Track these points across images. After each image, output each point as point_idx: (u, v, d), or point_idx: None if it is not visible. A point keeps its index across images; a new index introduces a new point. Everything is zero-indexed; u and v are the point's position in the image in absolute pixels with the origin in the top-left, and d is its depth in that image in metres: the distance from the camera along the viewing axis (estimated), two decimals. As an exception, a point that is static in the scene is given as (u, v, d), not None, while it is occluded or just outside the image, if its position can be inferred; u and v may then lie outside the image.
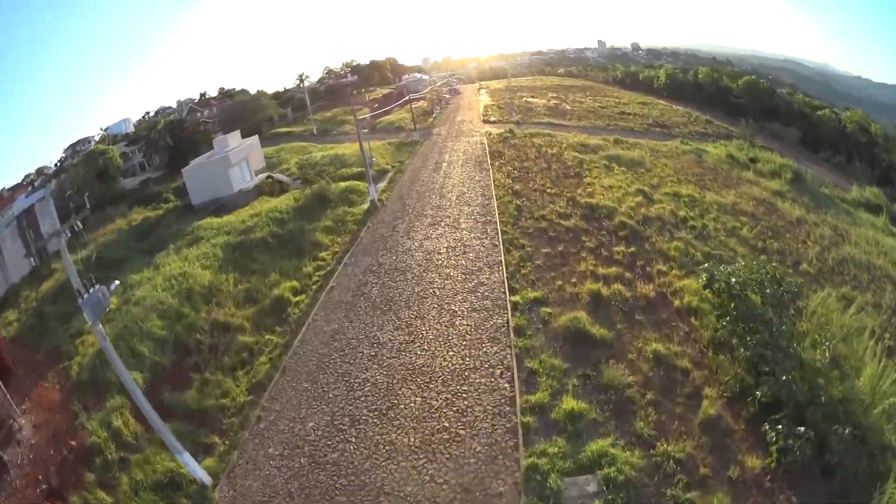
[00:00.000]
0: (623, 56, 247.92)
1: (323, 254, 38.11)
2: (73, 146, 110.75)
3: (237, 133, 69.02)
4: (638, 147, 67.55)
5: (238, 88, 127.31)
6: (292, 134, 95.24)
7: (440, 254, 34.57)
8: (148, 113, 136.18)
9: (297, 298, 31.40)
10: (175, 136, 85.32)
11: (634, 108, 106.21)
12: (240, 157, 61.07)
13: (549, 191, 45.53)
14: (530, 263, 31.27)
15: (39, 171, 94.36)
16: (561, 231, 36.30)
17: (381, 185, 54.59)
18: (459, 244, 35.57)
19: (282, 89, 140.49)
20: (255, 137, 70.90)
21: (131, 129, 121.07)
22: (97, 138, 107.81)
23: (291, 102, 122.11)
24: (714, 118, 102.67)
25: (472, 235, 36.77)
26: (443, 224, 40.01)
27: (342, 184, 53.88)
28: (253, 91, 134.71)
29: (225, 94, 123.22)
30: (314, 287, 32.96)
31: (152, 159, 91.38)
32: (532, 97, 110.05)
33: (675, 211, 41.23)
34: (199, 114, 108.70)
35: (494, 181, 48.72)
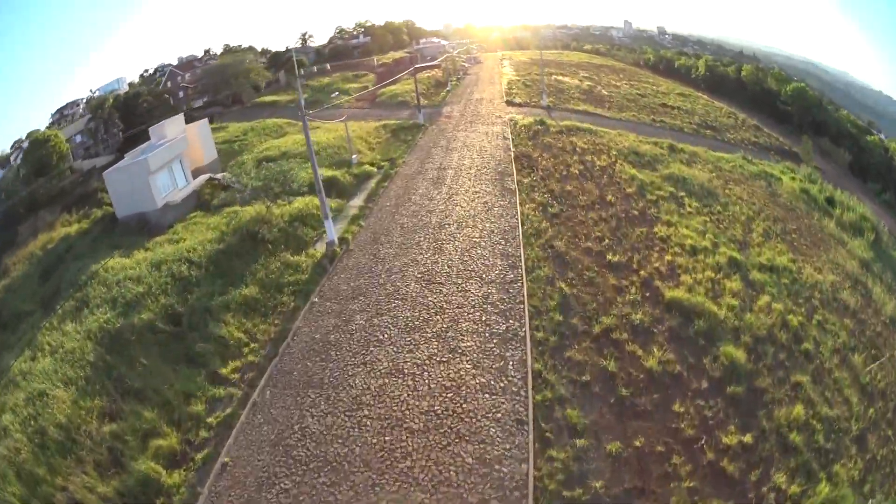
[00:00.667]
0: (649, 39, 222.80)
1: (229, 368, 19.94)
2: (60, 111, 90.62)
3: (179, 118, 48.07)
4: (698, 160, 47.37)
5: (230, 46, 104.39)
6: (276, 105, 74.26)
7: (412, 429, 15.25)
8: (147, 70, 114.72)
9: (172, 480, 15.43)
10: (128, 115, 65.34)
11: (675, 99, 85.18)
12: (166, 159, 39.82)
13: (610, 258, 25.53)
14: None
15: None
16: (641, 382, 17.22)
17: (355, 203, 34.57)
18: (448, 409, 16.15)
19: (283, 49, 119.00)
20: (204, 123, 49.48)
21: (125, 88, 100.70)
22: (85, 101, 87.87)
23: (287, 65, 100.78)
24: (761, 123, 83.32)
25: (477, 382, 17.04)
26: (427, 335, 19.93)
27: (296, 203, 33.87)
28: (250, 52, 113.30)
29: (210, 57, 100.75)
30: (199, 460, 16.18)
31: (106, 142, 70.91)
32: (562, 75, 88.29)
33: (786, 313, 22.90)
34: (179, 78, 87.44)
35: (522, 221, 28.90)
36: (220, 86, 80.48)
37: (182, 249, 29.21)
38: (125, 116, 68.43)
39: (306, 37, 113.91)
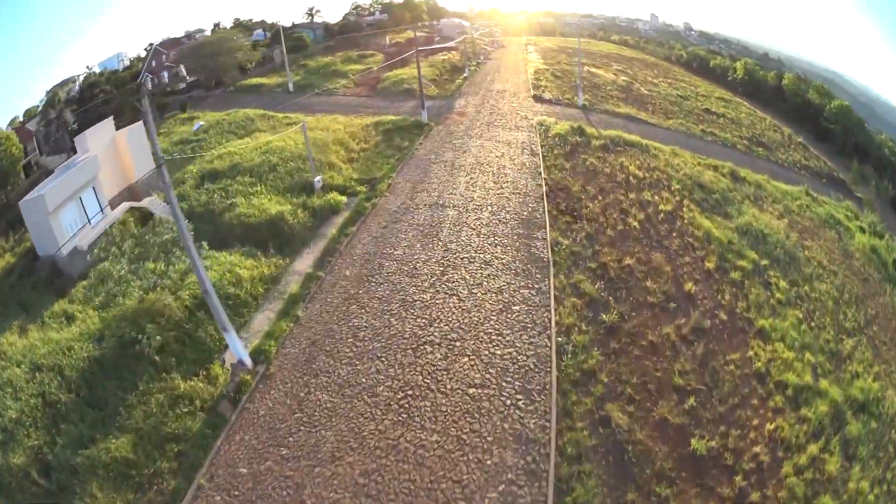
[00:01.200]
0: (675, 34, 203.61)
1: None
2: (55, 89, 76.54)
3: (107, 124, 33.53)
4: (764, 195, 35.42)
5: (220, 24, 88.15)
6: (261, 90, 59.47)
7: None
8: (152, 44, 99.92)
9: None
10: (85, 110, 51.55)
11: (717, 105, 70.68)
12: (73, 188, 25.94)
13: (696, 445, 13.28)
14: None
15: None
16: None
17: (301, 265, 21.42)
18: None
19: (289, 25, 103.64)
20: (137, 128, 34.65)
21: (126, 63, 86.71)
22: (82, 78, 74.00)
23: (288, 42, 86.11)
24: (805, 141, 70.15)
25: None
26: None
27: (216, 266, 20.41)
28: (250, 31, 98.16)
29: (196, 33, 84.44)
30: None
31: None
32: (594, 66, 73.51)
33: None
34: (164, 57, 72.66)
35: (559, 345, 15.52)
36: (200, 67, 66.17)
37: (62, 344, 17.58)
38: (82, 111, 54.57)
39: (313, 11, 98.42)
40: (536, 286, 18.42)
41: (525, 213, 23.81)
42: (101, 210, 27.85)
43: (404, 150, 33.13)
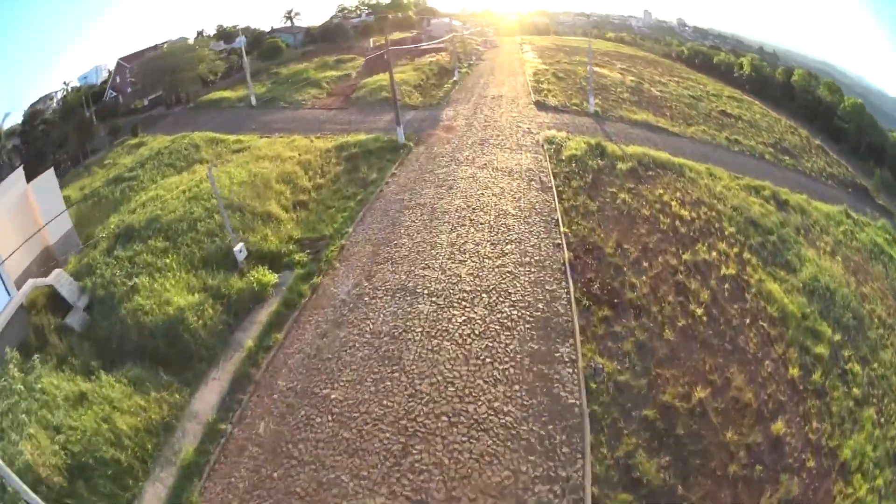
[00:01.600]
0: (669, 30, 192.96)
1: None
2: (33, 106, 66.49)
3: (16, 176, 24.15)
4: (812, 223, 27.79)
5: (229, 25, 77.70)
6: (221, 105, 49.32)
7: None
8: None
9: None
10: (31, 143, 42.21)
11: (730, 105, 61.85)
12: None
13: None
14: None
15: None
16: None
17: (202, 406, 11.76)
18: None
19: (268, 30, 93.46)
20: (47, 176, 24.83)
21: (105, 77, 76.73)
22: (60, 95, 64.23)
23: (259, 48, 76.13)
24: (822, 143, 62.46)
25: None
26: None
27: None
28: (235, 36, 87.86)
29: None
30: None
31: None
32: (597, 66, 64.15)
33: None
34: (127, 72, 62.54)
35: None
36: (158, 82, 56.39)
37: None
38: (29, 143, 45.16)
39: (292, 15, 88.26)
40: (562, 476, 9.09)
41: (540, 306, 14.41)
42: (7, 290, 18.27)
43: (370, 187, 23.57)
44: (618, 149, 28.21)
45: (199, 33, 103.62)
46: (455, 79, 48.03)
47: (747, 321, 15.86)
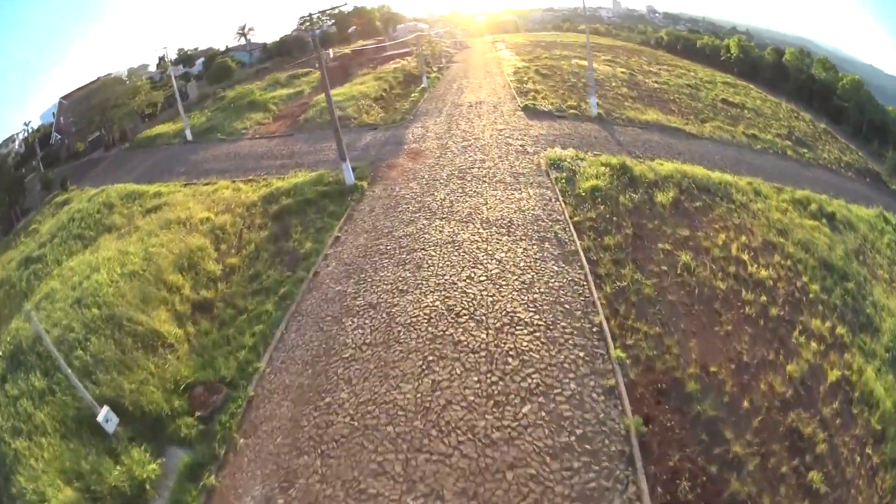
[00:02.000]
0: (639, 18, 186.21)
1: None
2: None
3: None
4: (859, 240, 20.20)
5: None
6: (156, 143, 39.52)
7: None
8: None
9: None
10: None
11: (727, 91, 54.07)
12: None
13: None
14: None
15: None
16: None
17: None
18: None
19: (223, 48, 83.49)
20: None
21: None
22: (21, 137, 54.64)
23: (210, 71, 66.64)
24: (826, 125, 55.97)
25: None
26: None
27: None
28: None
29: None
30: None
31: None
32: (579, 58, 55.84)
33: None
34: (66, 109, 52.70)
35: None
36: (91, 122, 46.85)
37: None
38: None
39: (246, 31, 78.76)
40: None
41: None
42: None
43: (301, 268, 14.65)
44: (647, 169, 19.63)
45: (161, 59, 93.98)
46: (424, 86, 39.18)
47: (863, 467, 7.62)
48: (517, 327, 10.55)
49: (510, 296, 11.56)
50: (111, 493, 9.22)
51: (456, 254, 13.61)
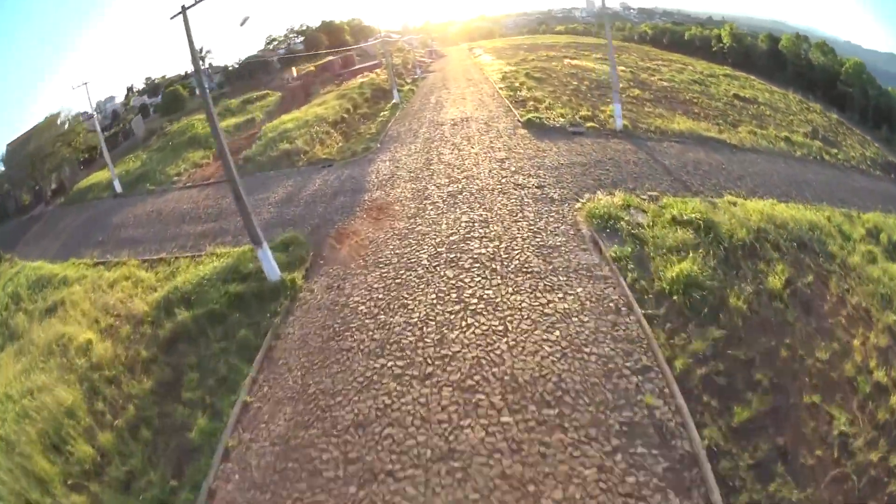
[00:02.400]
0: (613, 15, 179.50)
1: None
2: None
3: None
4: None
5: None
6: (90, 195, 30.91)
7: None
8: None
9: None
10: None
11: (734, 86, 46.84)
12: None
13: None
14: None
15: None
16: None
17: None
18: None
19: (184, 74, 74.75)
20: None
21: None
22: None
23: (162, 102, 58.19)
24: (839, 116, 49.33)
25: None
26: None
27: None
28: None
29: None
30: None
31: None
32: (571, 58, 48.01)
33: None
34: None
35: None
36: (26, 173, 38.27)
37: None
38: None
39: (203, 54, 70.18)
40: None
41: None
42: None
43: (188, 467, 6.86)
44: (731, 219, 11.97)
45: (129, 89, 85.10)
46: (395, 101, 31.31)
47: None
48: None
49: None
50: None
51: (459, 486, 5.75)
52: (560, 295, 9.20)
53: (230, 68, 73.00)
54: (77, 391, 10.00)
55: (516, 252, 10.89)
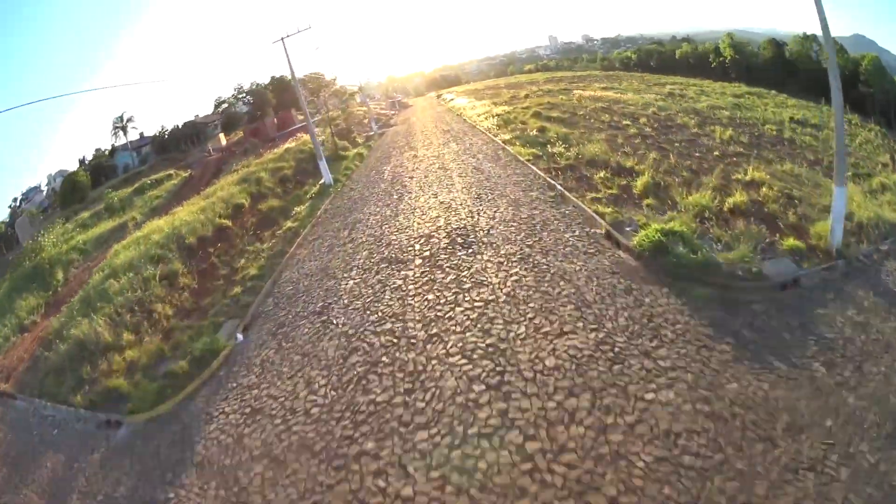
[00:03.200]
0: (577, 49, 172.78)
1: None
2: None
3: None
4: None
5: None
6: None
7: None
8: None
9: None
10: None
11: (772, 108, 33.68)
12: None
13: None
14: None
15: None
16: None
17: None
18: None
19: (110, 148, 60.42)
20: None
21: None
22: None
23: (60, 192, 44.05)
24: (882, 128, 32.82)
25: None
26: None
27: None
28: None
29: None
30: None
31: None
32: (587, 91, 34.82)
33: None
34: None
35: None
36: None
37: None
38: None
39: (125, 124, 56.56)
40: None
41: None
42: None
43: None
44: None
45: (81, 161, 70.17)
46: (325, 182, 17.54)
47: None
48: None
49: None
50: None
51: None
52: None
53: (159, 136, 59.26)
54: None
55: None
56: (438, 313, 6.95)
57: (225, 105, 72.96)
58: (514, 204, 10.38)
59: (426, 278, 8.07)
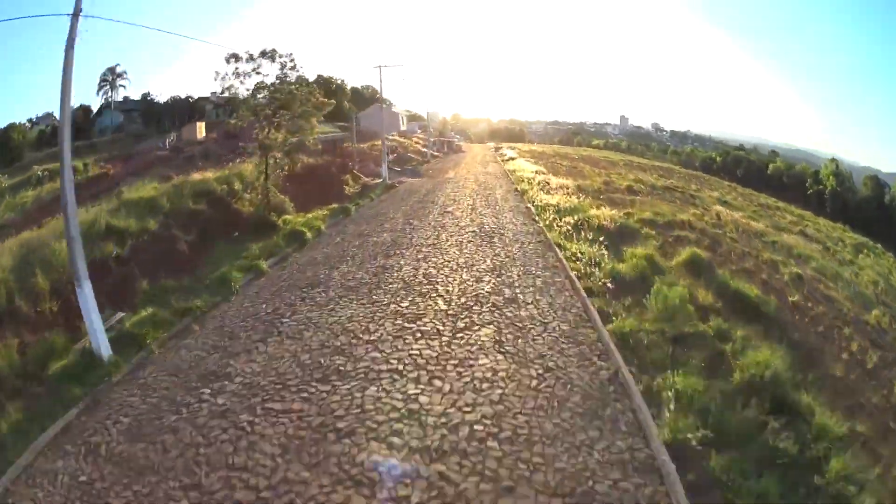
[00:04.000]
0: (645, 135, 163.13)
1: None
2: None
3: None
4: None
5: None
6: None
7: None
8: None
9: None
10: None
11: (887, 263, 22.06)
12: None
13: None
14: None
15: None
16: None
17: None
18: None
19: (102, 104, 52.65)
20: None
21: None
22: None
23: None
24: None
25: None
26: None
27: None
28: None
29: None
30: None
31: None
32: (699, 192, 24.03)
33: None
34: None
35: None
36: None
37: None
38: None
39: (113, 78, 48.06)
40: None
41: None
42: None
43: None
44: None
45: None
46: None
47: None
48: None
49: None
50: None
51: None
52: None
53: (144, 101, 50.79)
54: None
55: None
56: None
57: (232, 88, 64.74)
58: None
59: None
